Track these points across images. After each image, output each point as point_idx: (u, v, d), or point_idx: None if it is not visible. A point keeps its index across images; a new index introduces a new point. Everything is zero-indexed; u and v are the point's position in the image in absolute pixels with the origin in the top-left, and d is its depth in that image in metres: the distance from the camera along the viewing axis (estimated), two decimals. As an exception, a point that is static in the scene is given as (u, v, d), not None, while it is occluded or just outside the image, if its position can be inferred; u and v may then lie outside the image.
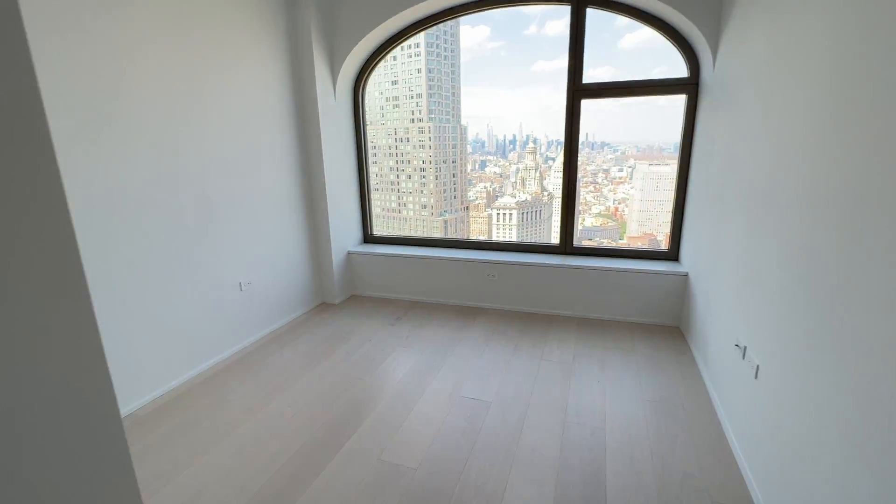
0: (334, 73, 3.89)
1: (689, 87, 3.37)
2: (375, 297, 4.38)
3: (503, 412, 2.52)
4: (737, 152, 2.50)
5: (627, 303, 3.64)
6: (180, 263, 2.79)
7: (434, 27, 3.92)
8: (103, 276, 2.36)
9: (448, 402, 2.62)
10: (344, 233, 4.25)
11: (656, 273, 3.51)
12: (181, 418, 2.51)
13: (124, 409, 2.54)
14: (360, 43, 3.77)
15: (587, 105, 3.62)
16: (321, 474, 2.07)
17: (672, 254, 3.71)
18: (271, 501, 1.93)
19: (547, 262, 3.78)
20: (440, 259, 4.07)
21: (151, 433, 2.38)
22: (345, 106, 4.12)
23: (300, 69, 3.68)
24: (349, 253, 4.32)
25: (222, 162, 3.04)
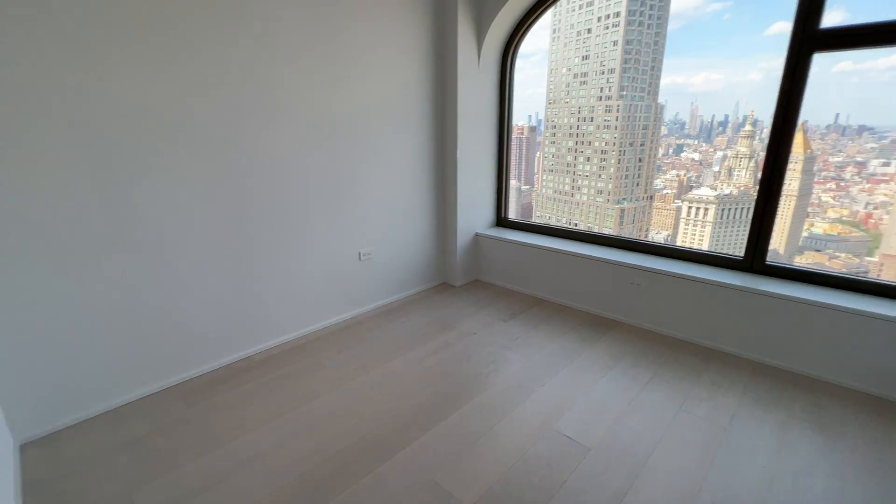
0: (480, 35, 3.49)
1: None
2: (499, 285, 3.97)
3: (603, 468, 1.89)
4: None
5: (840, 357, 2.41)
6: (304, 224, 2.88)
7: None
8: (243, 234, 2.55)
9: (536, 433, 2.11)
10: (474, 213, 3.92)
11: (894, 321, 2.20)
12: (281, 372, 2.61)
13: (248, 350, 2.78)
14: (511, 2, 3.27)
15: (835, 71, 2.47)
16: (363, 479, 1.85)
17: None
18: (301, 496, 1.79)
19: (718, 279, 2.77)
20: (576, 256, 3.39)
21: (252, 381, 2.54)
22: (490, 75, 3.70)
23: (443, 29, 3.39)
24: (477, 235, 3.98)
25: (353, 124, 3.01)
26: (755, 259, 2.82)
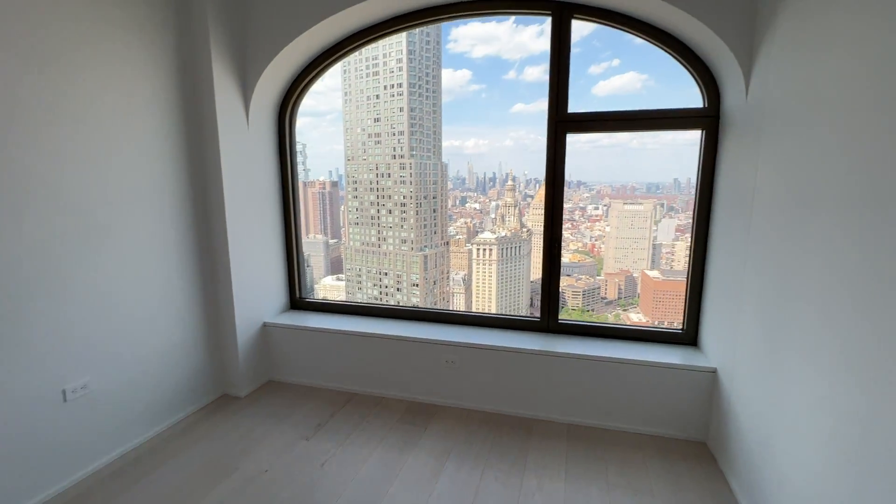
0: (247, 93, 2.86)
1: (707, 120, 2.44)
2: (299, 384, 3.20)
3: None
4: (813, 204, 1.53)
5: (634, 406, 2.57)
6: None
7: (416, 73, 2.97)
8: None
9: None
10: (259, 298, 3.12)
11: (670, 367, 2.46)
12: None
13: None
14: (280, 56, 2.78)
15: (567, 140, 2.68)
16: None
17: (688, 336, 2.68)
18: None
19: (523, 346, 2.70)
20: (384, 338, 2.95)
21: None
22: (265, 135, 3.08)
23: (194, 84, 2.64)
24: (266, 325, 3.17)
25: (58, 199, 1.94)
26: (550, 318, 2.89)
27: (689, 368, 2.43)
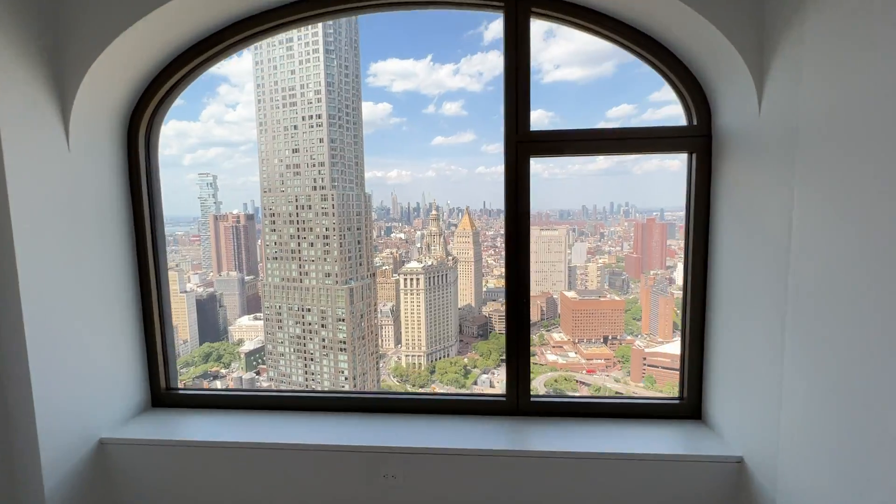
0: (65, 100, 1.84)
1: (697, 141, 1.95)
2: (160, 529, 2.08)
3: None
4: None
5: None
6: None
7: (337, 104, 2.16)
8: None
9: None
10: (89, 402, 1.98)
11: (679, 460, 1.83)
12: None
13: None
14: (117, 48, 1.82)
15: (477, 172, 2.21)
16: None
17: (689, 407, 2.09)
18: None
19: (490, 445, 1.92)
20: (294, 449, 1.98)
21: None
22: (101, 161, 2.04)
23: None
24: (103, 443, 2.02)
25: None
26: (520, 396, 2.15)
27: (704, 459, 1.81)
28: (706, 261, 1.99)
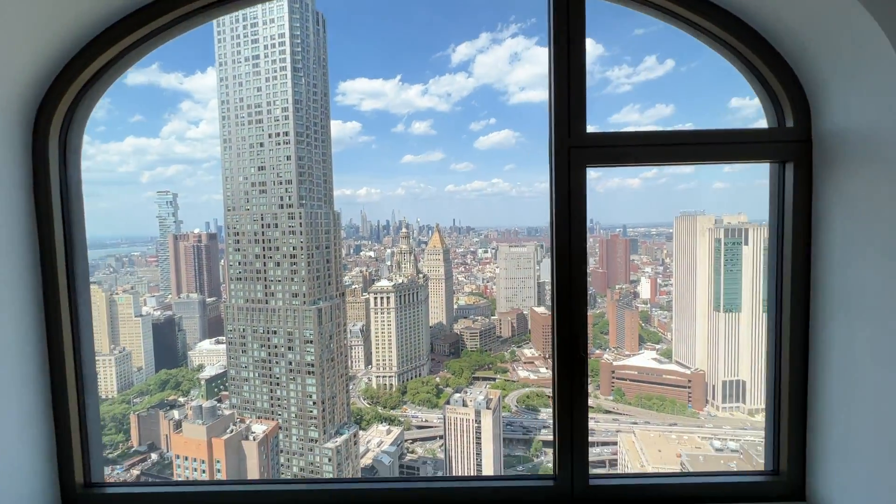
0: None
1: (792, 147, 1.68)
2: None
3: None
4: None
5: None
6: None
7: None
8: None
9: None
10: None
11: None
12: None
13: None
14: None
15: (448, 190, 1.98)
16: None
17: (788, 485, 1.62)
18: None
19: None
20: None
21: None
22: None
23: None
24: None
25: None
26: (575, 480, 1.68)
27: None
28: (806, 295, 1.60)
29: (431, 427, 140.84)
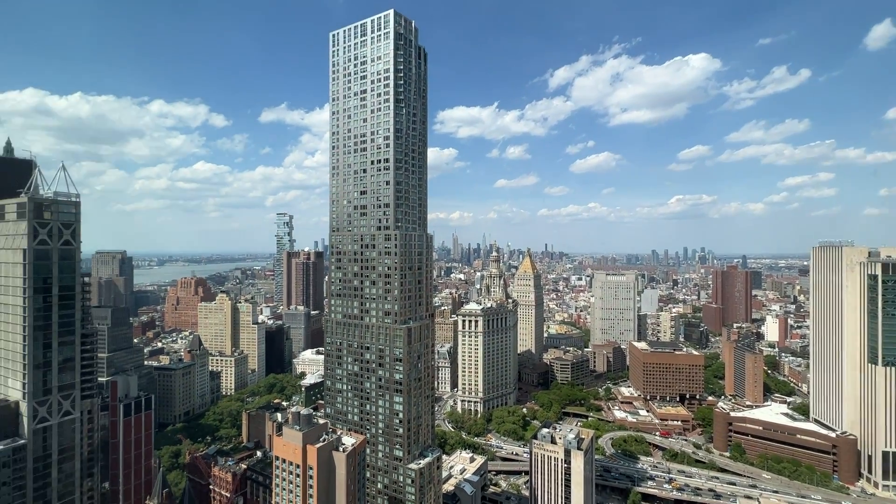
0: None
1: None
2: None
3: None
4: None
5: None
6: None
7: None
8: None
9: None
10: None
11: None
12: None
13: None
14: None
15: (540, 214, 16.29)
16: None
17: None
18: None
19: None
20: None
21: None
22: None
23: None
24: None
25: None
26: None
27: None
28: None
29: (516, 460, 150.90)
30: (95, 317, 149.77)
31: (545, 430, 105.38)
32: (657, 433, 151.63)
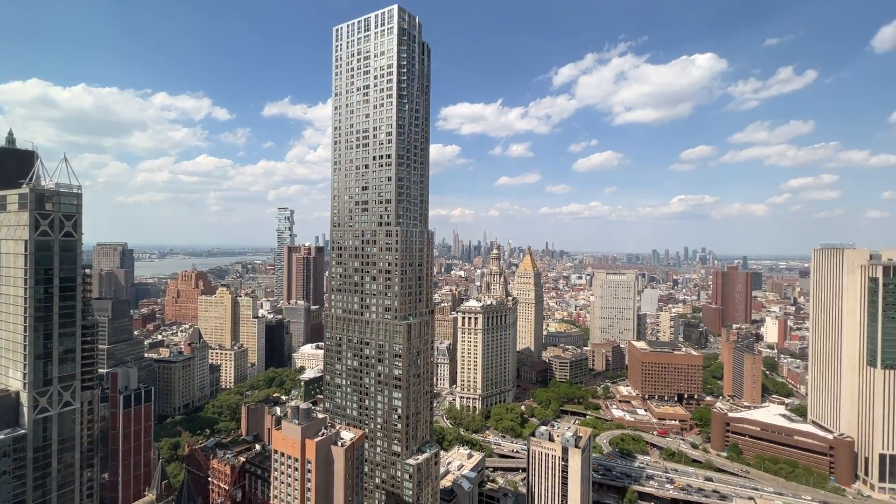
0: None
1: None
2: None
3: None
4: None
5: None
6: None
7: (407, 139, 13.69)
8: None
9: None
10: None
11: None
12: None
13: None
14: None
15: (541, 212, 16.23)
16: None
17: None
18: None
19: None
20: None
21: None
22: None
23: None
24: None
25: None
26: None
27: None
28: None
29: (514, 458, 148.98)
30: (96, 308, 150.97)
31: (543, 428, 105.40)
32: (655, 432, 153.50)
